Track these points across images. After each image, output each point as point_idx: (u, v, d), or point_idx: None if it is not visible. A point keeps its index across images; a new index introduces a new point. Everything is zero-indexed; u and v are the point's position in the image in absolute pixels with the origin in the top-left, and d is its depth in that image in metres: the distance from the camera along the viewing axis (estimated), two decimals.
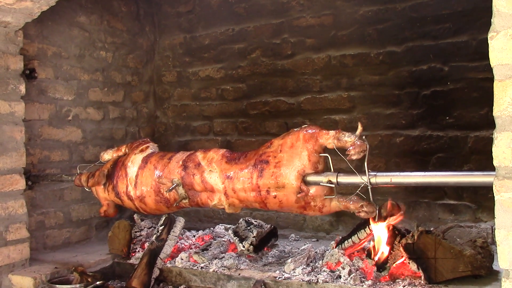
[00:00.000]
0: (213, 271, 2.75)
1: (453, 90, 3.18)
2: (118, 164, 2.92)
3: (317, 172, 2.32)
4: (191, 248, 3.20)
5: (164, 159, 2.77)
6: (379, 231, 2.51)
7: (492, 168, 1.74)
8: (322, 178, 2.27)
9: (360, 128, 2.19)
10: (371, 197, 2.17)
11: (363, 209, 2.22)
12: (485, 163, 2.31)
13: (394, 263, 2.45)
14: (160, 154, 2.85)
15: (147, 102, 4.36)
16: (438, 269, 2.32)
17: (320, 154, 2.32)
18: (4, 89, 2.90)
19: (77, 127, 3.65)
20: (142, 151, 2.91)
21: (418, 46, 3.28)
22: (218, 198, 2.56)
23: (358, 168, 2.20)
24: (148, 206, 2.80)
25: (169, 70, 4.37)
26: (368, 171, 2.13)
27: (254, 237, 2.96)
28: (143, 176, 2.77)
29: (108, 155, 3.10)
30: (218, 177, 2.51)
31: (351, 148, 2.17)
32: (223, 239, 3.28)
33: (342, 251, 2.70)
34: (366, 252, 2.60)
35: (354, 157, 2.15)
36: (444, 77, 3.21)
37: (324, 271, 2.57)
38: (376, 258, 2.47)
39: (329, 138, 2.27)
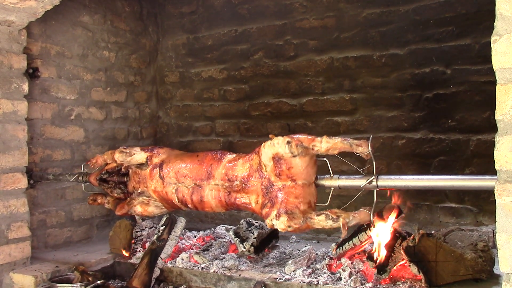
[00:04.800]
0: (214, 271, 2.75)
1: (455, 93, 3.18)
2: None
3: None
4: (192, 249, 3.20)
5: None
6: (381, 233, 2.51)
7: (494, 172, 1.74)
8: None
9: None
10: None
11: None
12: (487, 167, 2.31)
13: (394, 265, 2.45)
14: None
15: (150, 102, 4.37)
16: (439, 273, 2.31)
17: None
18: (7, 88, 2.91)
19: (80, 127, 3.65)
20: None
21: (421, 49, 3.29)
22: None
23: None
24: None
25: (171, 70, 4.38)
26: (374, 174, 2.15)
27: (255, 238, 2.96)
28: None
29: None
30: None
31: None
32: (224, 239, 3.28)
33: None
34: (367, 255, 2.60)
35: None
36: (446, 80, 3.20)
37: (324, 273, 2.57)
38: (377, 261, 2.47)
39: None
